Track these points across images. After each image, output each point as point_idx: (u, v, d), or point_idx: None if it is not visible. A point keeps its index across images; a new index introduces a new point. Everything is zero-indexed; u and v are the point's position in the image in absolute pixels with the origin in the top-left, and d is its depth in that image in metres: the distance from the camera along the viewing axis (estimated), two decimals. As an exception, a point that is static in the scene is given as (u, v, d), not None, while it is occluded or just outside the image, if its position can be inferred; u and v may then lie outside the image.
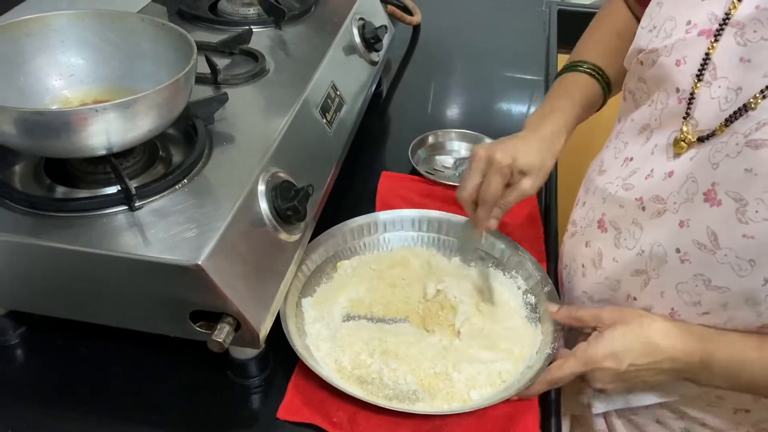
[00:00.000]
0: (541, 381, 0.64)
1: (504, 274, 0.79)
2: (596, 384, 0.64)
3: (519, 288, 0.77)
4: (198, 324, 0.59)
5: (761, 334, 0.59)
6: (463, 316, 0.72)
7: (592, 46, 0.79)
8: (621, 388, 0.65)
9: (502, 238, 0.81)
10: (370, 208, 0.88)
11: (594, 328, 0.66)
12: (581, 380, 0.65)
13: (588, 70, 0.76)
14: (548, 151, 0.72)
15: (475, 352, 0.68)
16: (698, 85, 0.58)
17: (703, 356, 0.60)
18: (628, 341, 0.62)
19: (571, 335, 0.72)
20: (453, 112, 1.15)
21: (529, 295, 0.76)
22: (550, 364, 0.65)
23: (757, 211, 0.54)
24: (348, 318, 0.72)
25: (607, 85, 0.77)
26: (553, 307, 0.70)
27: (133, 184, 0.59)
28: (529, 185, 0.71)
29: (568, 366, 0.64)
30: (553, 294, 0.74)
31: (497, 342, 0.70)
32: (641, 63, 0.64)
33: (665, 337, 0.61)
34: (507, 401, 0.64)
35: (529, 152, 0.71)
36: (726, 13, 0.56)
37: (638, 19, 0.78)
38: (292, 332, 0.67)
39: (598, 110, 0.79)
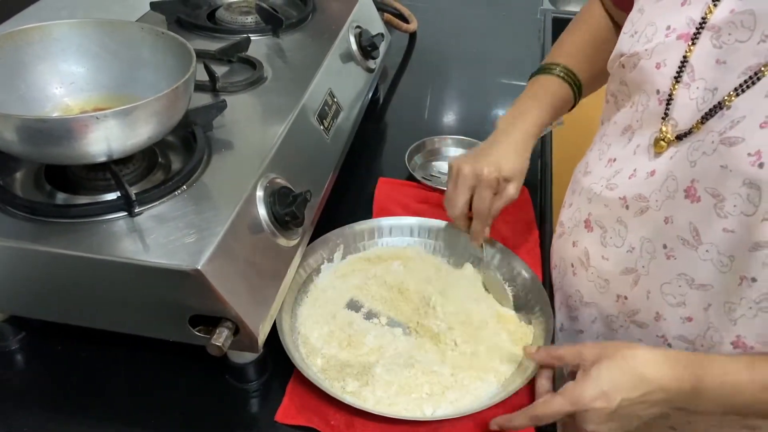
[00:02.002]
0: (524, 415, 0.61)
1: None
2: (588, 426, 0.60)
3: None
4: (197, 328, 0.60)
5: (750, 355, 0.59)
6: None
7: (566, 49, 0.82)
8: (614, 429, 0.60)
9: (497, 246, 0.82)
10: (367, 213, 0.89)
11: (577, 366, 0.62)
12: (570, 419, 0.61)
13: (560, 74, 0.79)
14: (524, 154, 0.75)
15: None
16: (676, 86, 0.60)
17: (693, 382, 0.58)
18: (615, 376, 0.59)
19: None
20: (449, 118, 1.16)
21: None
22: (530, 382, 0.65)
23: (735, 206, 0.55)
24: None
25: (578, 88, 0.79)
26: (532, 348, 0.68)
27: (132, 191, 0.60)
28: (514, 190, 0.75)
29: (556, 404, 0.60)
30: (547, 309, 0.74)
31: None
32: (623, 66, 0.66)
33: (651, 367, 0.59)
34: (502, 402, 0.65)
35: (510, 159, 0.73)
36: (703, 17, 0.58)
37: (615, 23, 0.80)
38: (288, 341, 0.67)
39: (569, 111, 0.81)
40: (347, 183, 0.94)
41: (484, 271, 0.80)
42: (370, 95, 1.02)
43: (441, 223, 0.84)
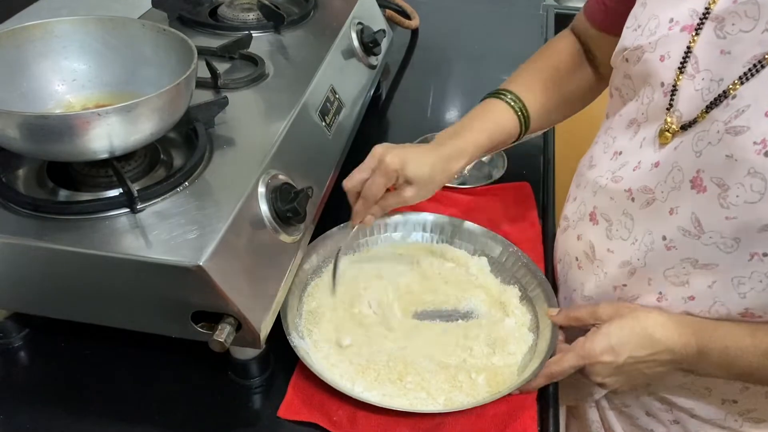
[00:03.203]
0: (541, 375, 0.65)
1: (500, 280, 0.79)
2: (596, 378, 0.65)
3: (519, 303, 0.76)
4: (199, 324, 0.60)
5: (752, 323, 0.61)
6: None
7: (524, 77, 0.81)
8: (620, 382, 0.66)
9: (498, 240, 0.81)
10: (370, 210, 0.89)
11: (593, 325, 0.67)
12: (580, 374, 0.66)
13: (509, 101, 0.78)
14: (442, 169, 0.73)
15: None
16: (680, 77, 0.60)
17: (699, 346, 0.61)
18: (625, 334, 0.63)
19: (570, 334, 0.73)
20: (451, 115, 1.16)
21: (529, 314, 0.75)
22: (550, 357, 0.66)
23: (738, 196, 0.55)
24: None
25: (525, 119, 0.78)
26: (553, 311, 0.71)
27: (135, 187, 0.60)
28: (410, 194, 0.73)
29: (567, 360, 0.65)
30: (550, 295, 0.74)
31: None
32: (626, 60, 0.66)
33: (661, 329, 0.62)
34: (504, 398, 0.65)
35: (421, 164, 0.72)
36: (706, 8, 0.58)
37: (588, 50, 0.81)
38: (292, 333, 0.67)
39: (512, 144, 0.79)
40: (349, 179, 0.94)
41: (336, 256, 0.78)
42: (372, 92, 1.02)
43: (445, 219, 0.84)
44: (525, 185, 0.95)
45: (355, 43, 0.98)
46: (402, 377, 0.66)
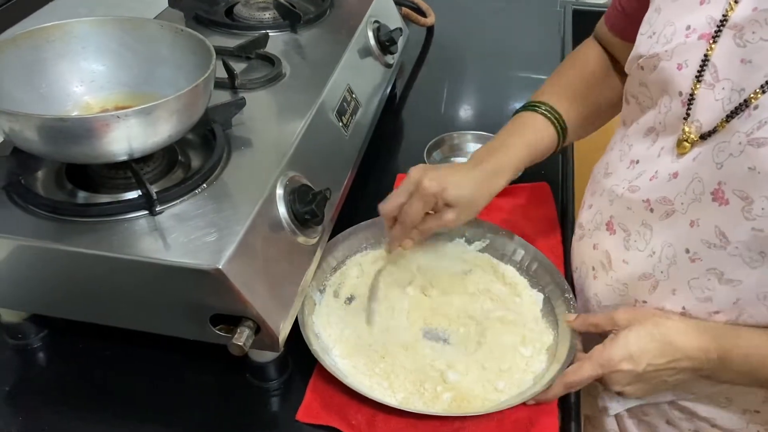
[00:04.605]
0: (558, 384, 0.64)
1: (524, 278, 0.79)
2: (615, 386, 0.64)
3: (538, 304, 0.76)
4: (218, 327, 0.60)
5: None
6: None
7: (555, 89, 0.78)
8: (641, 390, 0.64)
9: (521, 243, 0.80)
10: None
11: (610, 332, 0.66)
12: (599, 383, 0.65)
13: (545, 113, 0.75)
14: (483, 188, 0.71)
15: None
16: (698, 86, 0.58)
17: (720, 353, 0.60)
18: (644, 341, 0.62)
19: (587, 338, 0.72)
20: (468, 113, 1.15)
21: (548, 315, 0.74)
22: (567, 367, 0.65)
23: (763, 208, 0.54)
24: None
25: (563, 130, 0.75)
26: (570, 317, 0.70)
27: (153, 189, 0.60)
28: (451, 218, 0.70)
29: (585, 369, 0.63)
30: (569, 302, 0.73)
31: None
32: (642, 68, 0.64)
33: (681, 335, 0.61)
34: (525, 404, 0.64)
35: (461, 186, 0.69)
36: (723, 15, 0.57)
37: (613, 58, 0.79)
38: (310, 335, 0.67)
39: (552, 154, 0.77)
40: (366, 179, 0.93)
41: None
42: (389, 90, 1.02)
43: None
44: (544, 185, 0.93)
45: (372, 41, 0.98)
46: (376, 361, 0.67)
